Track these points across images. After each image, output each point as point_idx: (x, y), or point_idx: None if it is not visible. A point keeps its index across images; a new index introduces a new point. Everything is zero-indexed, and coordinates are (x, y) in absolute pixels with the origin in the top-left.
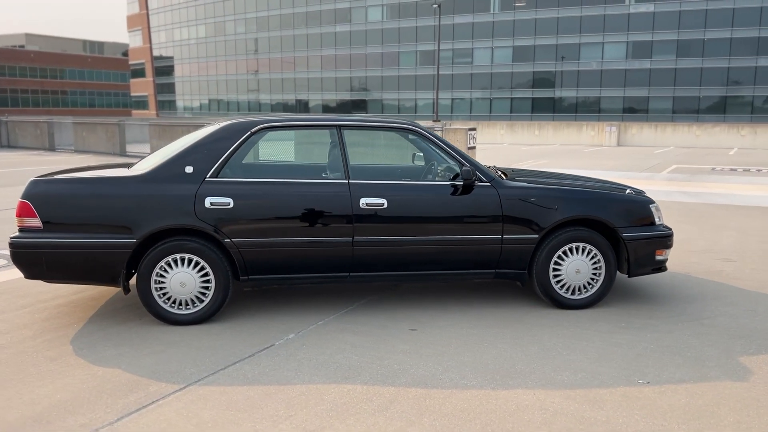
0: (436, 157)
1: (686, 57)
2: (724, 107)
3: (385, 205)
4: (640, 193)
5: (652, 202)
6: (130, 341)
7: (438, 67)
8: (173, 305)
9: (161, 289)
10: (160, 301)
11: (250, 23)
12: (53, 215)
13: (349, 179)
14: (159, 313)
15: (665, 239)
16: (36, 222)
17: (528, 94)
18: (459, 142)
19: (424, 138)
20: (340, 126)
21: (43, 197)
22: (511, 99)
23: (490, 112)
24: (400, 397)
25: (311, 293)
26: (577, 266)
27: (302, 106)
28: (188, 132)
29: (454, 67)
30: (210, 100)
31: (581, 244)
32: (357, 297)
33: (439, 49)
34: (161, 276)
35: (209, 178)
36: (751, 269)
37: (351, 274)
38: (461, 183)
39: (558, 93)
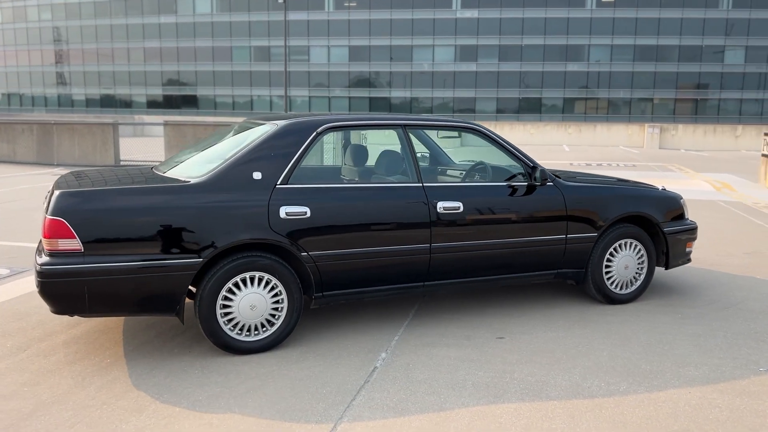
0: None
1: (507, 61)
2: (540, 108)
3: (461, 209)
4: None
5: (681, 197)
6: (210, 378)
7: (286, 63)
8: (240, 332)
9: (227, 314)
10: (226, 329)
11: (58, 10)
12: (97, 235)
13: (422, 182)
14: (226, 343)
15: (694, 232)
16: (74, 244)
17: (365, 93)
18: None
19: (485, 137)
20: (405, 125)
21: (82, 213)
22: (349, 98)
23: (329, 111)
24: (576, 411)
25: (350, 306)
26: (626, 262)
27: (123, 103)
28: (23, 131)
29: (290, 65)
30: (10, 95)
31: (629, 240)
32: (401, 307)
33: (286, 45)
34: (227, 299)
35: (280, 184)
36: (720, 255)
37: (426, 283)
38: (537, 183)
39: (393, 93)
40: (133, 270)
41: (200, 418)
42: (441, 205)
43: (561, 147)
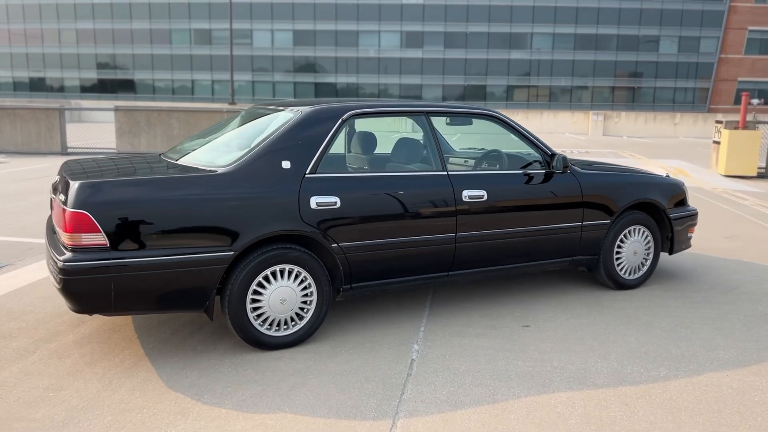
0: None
1: (452, 48)
2: (485, 95)
3: (485, 197)
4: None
5: (684, 183)
6: (246, 376)
7: (231, 47)
8: (269, 327)
9: (257, 309)
10: (256, 324)
11: None
12: (123, 228)
13: (447, 171)
14: (256, 339)
15: (695, 217)
16: (99, 238)
17: (310, 78)
18: None
19: (504, 125)
20: (427, 112)
21: (107, 205)
22: (294, 83)
23: (273, 96)
24: (628, 399)
25: (366, 298)
26: (634, 248)
27: (54, 87)
28: None
29: (233, 48)
30: None
31: (637, 227)
32: (416, 297)
33: (231, 28)
34: (257, 293)
35: (309, 174)
36: (702, 240)
37: (450, 273)
38: (558, 171)
39: (339, 78)
40: (162, 265)
41: (251, 419)
42: (466, 194)
43: None
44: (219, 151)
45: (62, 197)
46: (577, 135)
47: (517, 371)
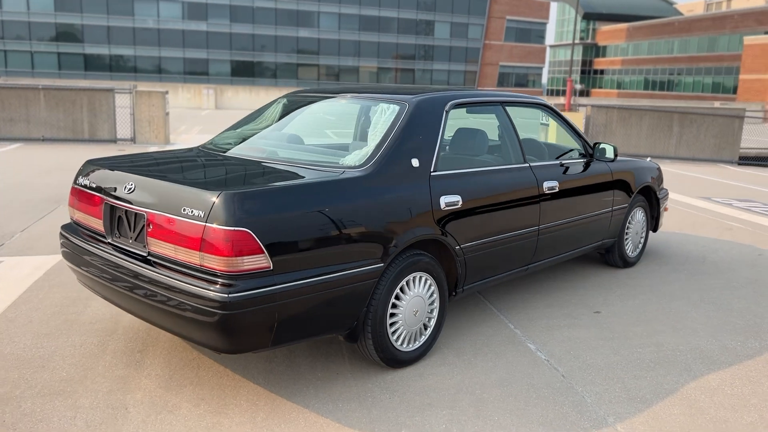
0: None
1: (239, 22)
2: (276, 72)
3: (557, 188)
4: None
5: (659, 166)
6: (412, 401)
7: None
8: (401, 343)
9: (393, 324)
10: (392, 340)
11: None
12: (284, 246)
13: (529, 162)
14: (394, 357)
15: (667, 197)
16: (262, 261)
17: (78, 49)
18: (155, 107)
19: (554, 114)
20: (503, 102)
21: (268, 221)
22: (58, 54)
23: (33, 69)
24: (767, 372)
25: None
26: (636, 229)
27: None
28: None
29: None
30: None
31: (639, 208)
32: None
33: None
34: (394, 306)
35: (433, 172)
36: None
37: (530, 265)
38: (610, 160)
39: (113, 50)
40: (323, 285)
41: None
42: (546, 185)
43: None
44: (308, 148)
45: (190, 211)
46: None
47: (650, 359)
